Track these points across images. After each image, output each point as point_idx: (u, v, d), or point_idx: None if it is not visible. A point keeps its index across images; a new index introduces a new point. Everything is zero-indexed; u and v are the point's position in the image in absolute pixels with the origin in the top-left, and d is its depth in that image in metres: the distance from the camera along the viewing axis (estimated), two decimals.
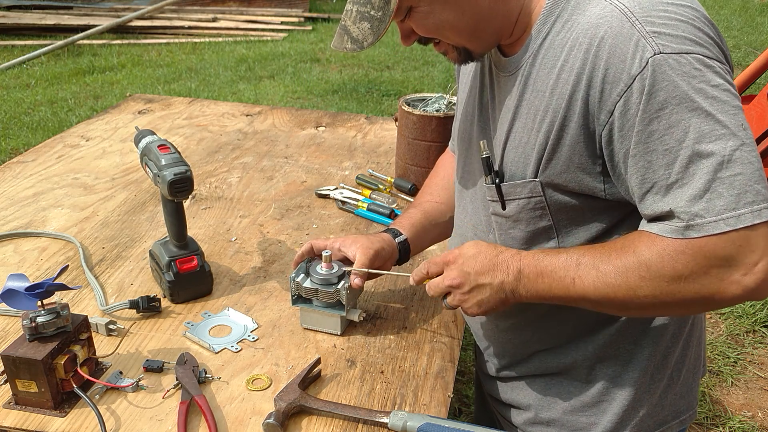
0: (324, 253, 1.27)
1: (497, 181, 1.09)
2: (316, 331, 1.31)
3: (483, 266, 1.06)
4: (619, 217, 1.04)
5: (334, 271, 1.27)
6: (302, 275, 1.30)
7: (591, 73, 0.93)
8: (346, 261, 1.32)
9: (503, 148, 1.09)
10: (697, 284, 0.89)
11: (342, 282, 1.26)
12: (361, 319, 1.29)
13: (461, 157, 1.26)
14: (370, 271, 1.27)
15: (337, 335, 1.30)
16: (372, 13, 1.00)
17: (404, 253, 1.36)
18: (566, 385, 1.18)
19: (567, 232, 1.07)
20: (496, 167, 1.10)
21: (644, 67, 0.88)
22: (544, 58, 1.00)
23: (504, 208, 1.10)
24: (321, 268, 1.27)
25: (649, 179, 0.91)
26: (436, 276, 1.12)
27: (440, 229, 1.41)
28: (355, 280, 1.26)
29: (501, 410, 1.33)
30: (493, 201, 1.12)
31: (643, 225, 0.96)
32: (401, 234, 1.36)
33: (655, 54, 0.87)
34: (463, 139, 1.24)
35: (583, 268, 0.97)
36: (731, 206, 0.86)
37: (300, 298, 1.30)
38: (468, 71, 1.24)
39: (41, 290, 1.08)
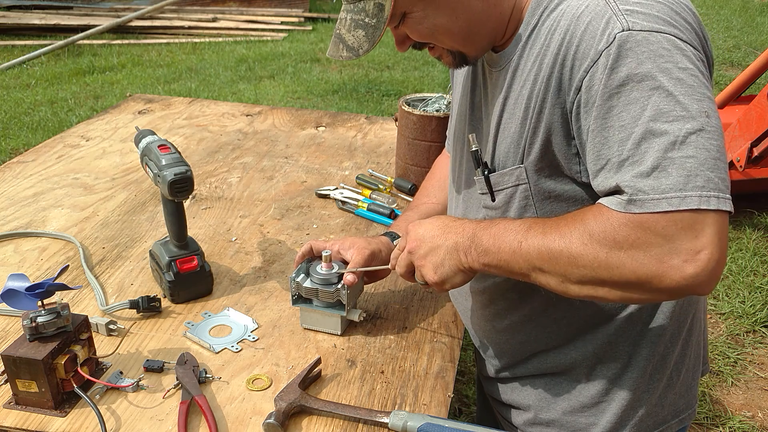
0: (324, 253, 1.28)
1: (486, 172, 1.10)
2: (316, 331, 1.31)
3: (439, 229, 1.07)
4: None
5: (334, 271, 1.27)
6: (302, 275, 1.30)
7: (565, 52, 0.93)
8: (345, 263, 1.32)
9: (494, 142, 1.09)
10: (635, 261, 0.85)
11: (342, 282, 1.26)
12: (361, 319, 1.29)
13: (456, 157, 1.27)
14: (363, 269, 1.27)
15: (338, 335, 1.30)
16: (366, 20, 1.01)
17: None
18: (565, 386, 1.18)
19: None
20: (488, 161, 1.11)
21: (611, 43, 0.87)
22: (531, 48, 1.00)
23: (493, 199, 1.11)
24: (321, 268, 1.28)
25: (604, 156, 0.89)
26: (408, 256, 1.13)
27: None
28: (348, 277, 1.26)
29: (502, 411, 1.33)
30: (484, 193, 1.13)
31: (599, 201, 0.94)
32: (399, 237, 1.37)
33: (623, 30, 0.87)
34: (458, 139, 1.24)
35: (531, 233, 0.95)
36: (678, 187, 0.83)
37: (300, 298, 1.31)
38: (462, 71, 1.25)
39: (41, 290, 1.08)
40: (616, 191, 0.88)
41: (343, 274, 1.27)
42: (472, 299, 1.27)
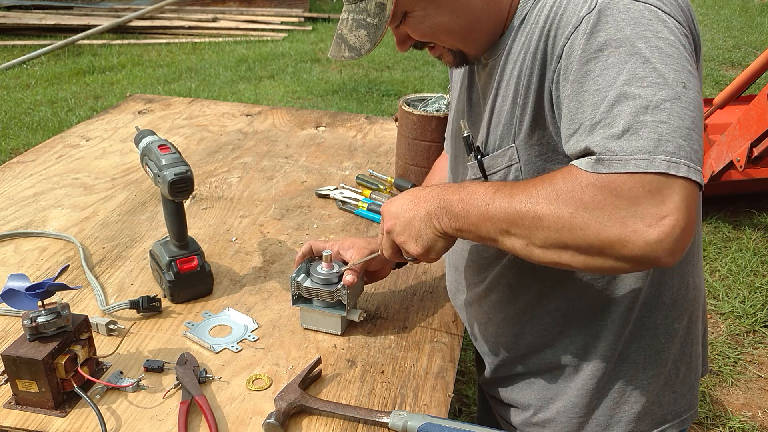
0: (324, 253, 1.28)
1: (479, 157, 1.10)
2: (317, 331, 1.31)
3: (409, 202, 1.07)
4: None
5: (334, 270, 1.27)
6: (302, 275, 1.30)
7: (550, 24, 0.94)
8: (345, 263, 1.32)
9: (488, 125, 1.10)
10: (599, 224, 0.82)
11: (342, 282, 1.26)
12: (362, 319, 1.30)
13: (452, 154, 1.28)
14: (359, 262, 1.27)
15: (338, 335, 1.30)
16: (368, 20, 1.01)
17: None
18: (560, 385, 1.19)
19: None
20: (483, 146, 1.11)
21: (592, 9, 0.87)
22: (522, 31, 1.01)
23: None
24: (321, 268, 1.28)
25: (577, 120, 0.87)
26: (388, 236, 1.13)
27: None
28: (347, 277, 1.26)
29: (500, 411, 1.33)
30: (477, 178, 1.13)
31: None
32: None
33: None
34: (456, 138, 1.25)
35: (499, 195, 0.93)
36: (647, 149, 0.80)
37: (300, 298, 1.31)
38: (460, 70, 1.25)
39: (42, 290, 1.08)
40: (587, 153, 0.86)
41: (343, 273, 1.27)
42: (469, 293, 1.27)
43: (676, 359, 1.17)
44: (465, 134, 1.12)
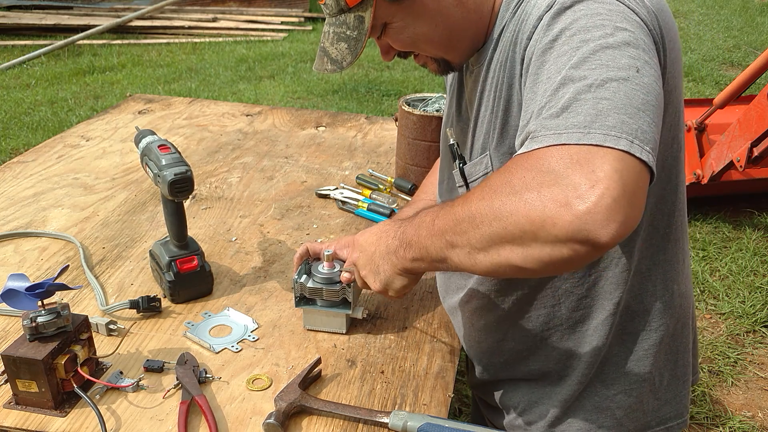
0: (326, 252, 1.27)
1: (461, 165, 1.11)
2: (320, 331, 1.31)
3: (374, 236, 1.09)
4: None
5: (336, 269, 1.27)
6: (304, 276, 1.30)
7: (517, 32, 0.95)
8: (343, 262, 1.33)
9: (472, 134, 1.10)
10: (527, 204, 0.76)
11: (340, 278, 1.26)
12: (365, 315, 1.30)
13: (441, 157, 1.28)
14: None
15: (342, 334, 1.30)
16: (348, 33, 1.02)
17: None
18: (545, 389, 1.19)
19: None
20: (468, 155, 1.12)
21: (551, 6, 0.88)
22: (501, 43, 1.02)
23: (468, 190, 1.12)
24: (323, 268, 1.28)
25: (529, 110, 0.84)
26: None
27: None
28: (344, 275, 1.25)
29: (487, 413, 1.35)
30: (461, 186, 1.14)
31: None
32: None
33: None
34: (445, 142, 1.25)
35: (443, 210, 0.91)
36: (584, 124, 0.75)
37: (303, 300, 1.30)
38: (452, 76, 1.26)
39: (42, 290, 1.08)
40: (526, 137, 0.82)
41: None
42: (453, 298, 1.28)
43: (660, 366, 1.16)
44: (451, 142, 1.13)
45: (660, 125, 0.80)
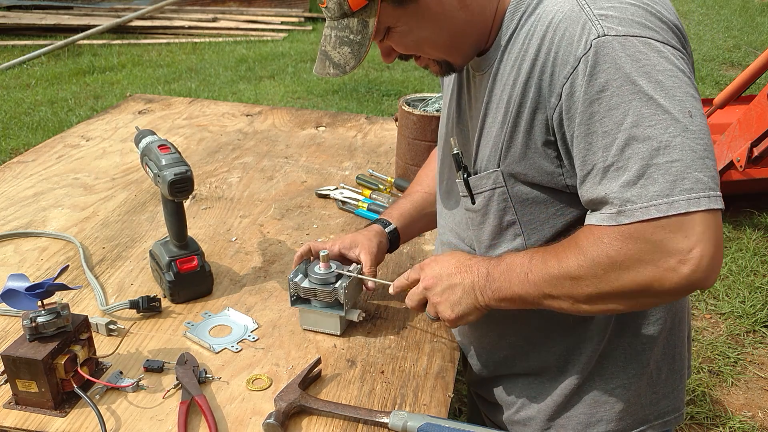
0: (321, 253, 1.27)
1: (465, 175, 1.11)
2: (315, 331, 1.31)
3: (455, 268, 1.10)
4: (582, 212, 1.03)
5: (331, 270, 1.27)
6: (300, 275, 1.30)
7: (544, 59, 0.94)
8: (347, 261, 1.32)
9: (477, 145, 1.10)
10: (632, 272, 0.88)
11: (340, 281, 1.26)
12: (361, 319, 1.29)
13: (441, 157, 1.28)
14: (369, 279, 1.29)
15: (337, 335, 1.30)
16: (351, 37, 1.01)
17: (394, 242, 1.40)
18: (544, 385, 1.19)
19: (532, 229, 1.09)
20: (471, 164, 1.12)
21: (588, 50, 0.88)
22: (510, 52, 1.01)
23: (473, 202, 1.13)
24: (319, 268, 1.27)
25: (589, 161, 0.91)
26: (415, 282, 1.16)
27: (429, 218, 1.43)
28: (369, 284, 1.31)
29: (485, 408, 1.35)
30: (464, 196, 1.14)
31: (586, 218, 0.96)
32: (390, 224, 1.40)
33: (599, 36, 0.87)
34: (445, 142, 1.26)
35: (534, 263, 0.99)
36: (665, 192, 0.84)
37: (299, 299, 1.30)
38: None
39: (41, 290, 1.08)
40: (603, 202, 0.90)
41: (340, 273, 1.27)
42: None
43: (658, 360, 1.17)
44: (455, 151, 1.13)
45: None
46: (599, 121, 0.88)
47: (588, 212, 0.96)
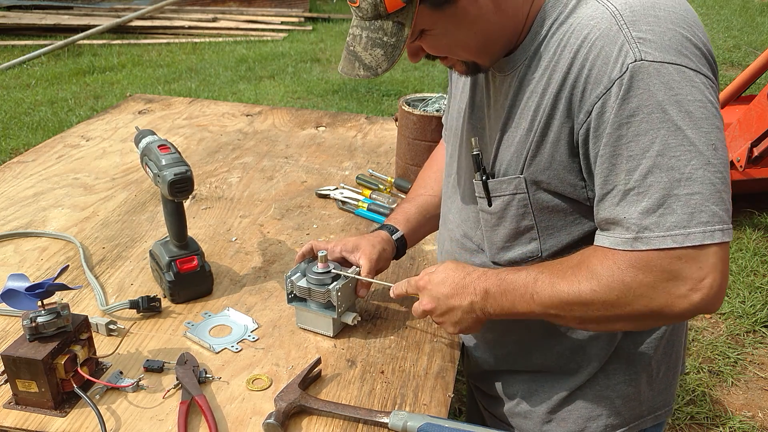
0: (320, 253, 1.27)
1: (484, 178, 1.11)
2: (311, 331, 1.31)
3: (451, 290, 1.10)
4: None
5: (328, 271, 1.27)
6: (298, 274, 1.30)
7: (577, 73, 0.94)
8: (347, 264, 1.32)
9: (497, 147, 1.10)
10: (645, 298, 0.91)
11: (334, 283, 1.26)
12: (355, 323, 1.29)
13: (452, 152, 1.28)
14: (366, 279, 1.29)
15: (330, 337, 1.29)
16: (385, 39, 0.98)
17: (401, 248, 1.39)
18: (547, 380, 1.20)
19: (549, 234, 1.09)
20: (488, 165, 1.12)
21: (624, 72, 0.88)
22: (540, 60, 1.00)
23: (490, 204, 1.12)
24: (317, 269, 1.27)
25: (611, 182, 0.93)
26: (413, 295, 1.19)
27: (435, 221, 1.43)
28: (361, 291, 1.30)
29: (485, 402, 1.36)
30: (481, 197, 1.14)
31: (597, 238, 0.97)
32: (398, 230, 1.39)
33: (636, 60, 0.88)
34: (456, 136, 1.25)
35: (540, 284, 1.00)
36: (682, 224, 0.87)
37: (295, 297, 1.30)
38: None
39: (41, 290, 1.08)
40: (619, 224, 0.92)
41: (337, 275, 1.27)
42: None
43: (659, 357, 1.19)
44: (474, 152, 1.12)
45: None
46: (626, 145, 0.90)
47: (598, 231, 0.97)
